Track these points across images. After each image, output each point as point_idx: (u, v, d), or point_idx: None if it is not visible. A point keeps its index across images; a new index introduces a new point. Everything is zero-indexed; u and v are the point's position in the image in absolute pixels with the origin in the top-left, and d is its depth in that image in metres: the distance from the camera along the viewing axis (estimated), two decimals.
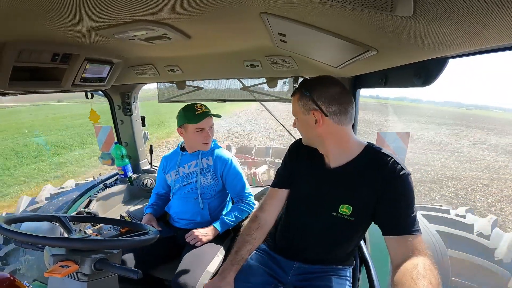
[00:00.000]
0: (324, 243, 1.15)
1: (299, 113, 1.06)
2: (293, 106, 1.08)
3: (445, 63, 0.79)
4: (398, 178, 0.94)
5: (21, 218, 1.05)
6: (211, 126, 1.61)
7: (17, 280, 1.00)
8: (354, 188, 1.02)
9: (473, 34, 0.49)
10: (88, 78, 1.38)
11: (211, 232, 1.55)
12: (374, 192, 0.97)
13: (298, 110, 1.05)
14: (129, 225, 1.24)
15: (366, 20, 0.57)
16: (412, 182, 0.95)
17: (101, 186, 2.34)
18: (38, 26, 0.85)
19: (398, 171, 0.94)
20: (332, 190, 1.07)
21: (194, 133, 1.59)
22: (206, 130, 1.59)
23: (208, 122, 1.59)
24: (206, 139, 1.60)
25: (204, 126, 1.58)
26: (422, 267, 0.80)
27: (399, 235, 0.90)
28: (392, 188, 0.94)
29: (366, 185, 0.99)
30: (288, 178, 1.20)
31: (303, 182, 1.15)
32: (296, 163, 1.18)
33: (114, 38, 0.99)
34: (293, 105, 1.09)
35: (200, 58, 1.47)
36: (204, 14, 0.80)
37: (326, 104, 0.98)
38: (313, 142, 1.09)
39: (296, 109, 1.07)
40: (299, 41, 0.99)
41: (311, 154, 1.13)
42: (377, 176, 0.97)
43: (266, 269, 1.22)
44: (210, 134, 1.61)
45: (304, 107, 1.02)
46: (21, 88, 1.14)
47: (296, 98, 1.06)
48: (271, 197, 1.22)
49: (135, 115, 2.39)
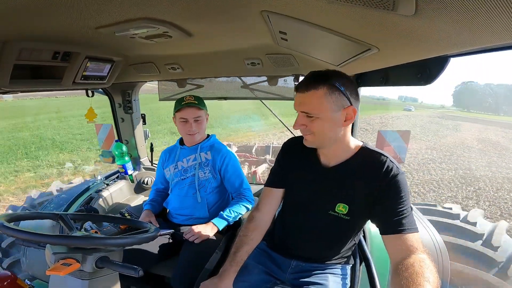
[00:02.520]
0: (320, 241, 1.15)
1: (325, 111, 0.91)
2: (314, 103, 0.91)
3: (446, 61, 0.79)
4: (393, 177, 0.95)
5: (22, 216, 1.06)
6: (195, 118, 1.60)
7: (19, 278, 1.01)
8: (350, 187, 1.02)
9: (475, 33, 0.49)
10: (89, 76, 1.38)
11: (210, 228, 1.55)
12: (370, 192, 0.98)
13: (325, 107, 0.91)
14: (129, 222, 1.25)
15: (367, 18, 0.57)
16: (406, 181, 0.97)
17: (102, 184, 2.35)
18: (39, 25, 0.85)
19: (393, 171, 0.95)
20: (328, 189, 1.07)
21: (180, 123, 1.61)
22: (190, 122, 1.60)
23: (191, 113, 1.58)
24: (189, 130, 1.61)
25: (186, 116, 1.58)
26: (419, 265, 0.81)
27: (396, 234, 0.91)
28: (387, 188, 0.95)
29: (362, 184, 1.00)
30: (282, 177, 1.19)
31: (298, 182, 1.14)
32: (290, 162, 1.17)
33: (115, 36, 0.99)
34: (313, 101, 0.91)
35: (201, 56, 1.47)
36: (205, 12, 0.80)
37: (354, 100, 0.93)
38: (330, 143, 1.00)
39: (319, 106, 0.91)
40: (300, 39, 0.99)
41: (305, 153, 1.12)
42: (372, 176, 0.97)
43: (264, 267, 1.22)
44: (193, 125, 1.61)
45: (336, 103, 0.90)
46: (22, 86, 1.14)
47: (322, 93, 0.90)
48: (266, 197, 1.21)
49: (135, 113, 2.39)
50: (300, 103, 0.95)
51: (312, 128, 0.96)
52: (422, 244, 0.89)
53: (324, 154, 1.07)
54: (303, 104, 0.94)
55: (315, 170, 1.10)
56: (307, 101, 0.93)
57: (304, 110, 0.94)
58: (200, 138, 1.69)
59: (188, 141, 1.68)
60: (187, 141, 1.69)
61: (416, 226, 0.92)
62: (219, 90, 2.11)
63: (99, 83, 1.51)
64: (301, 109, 0.95)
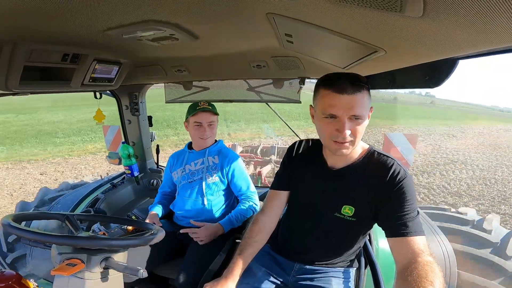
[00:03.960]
0: (326, 244, 1.14)
1: (367, 112, 0.92)
2: (365, 105, 0.90)
3: (455, 64, 0.78)
4: (399, 181, 0.94)
5: (29, 216, 1.07)
6: (209, 122, 1.65)
7: (23, 278, 1.02)
8: (356, 189, 1.02)
9: (484, 34, 0.48)
10: (97, 78, 1.39)
11: (216, 230, 1.56)
12: (376, 194, 0.98)
13: (367, 108, 0.92)
14: (135, 224, 1.25)
15: (374, 20, 0.57)
16: (413, 185, 0.96)
17: (108, 185, 2.37)
18: (49, 27, 0.86)
19: (399, 174, 0.94)
20: (334, 191, 1.06)
21: (194, 127, 1.66)
22: (204, 125, 1.64)
23: (205, 117, 1.63)
24: (203, 134, 1.65)
25: (201, 121, 1.63)
26: (424, 269, 0.79)
27: (402, 237, 0.90)
28: (393, 191, 0.94)
29: (368, 187, 0.99)
30: (287, 179, 1.19)
31: (304, 184, 1.14)
32: (296, 165, 1.17)
33: (123, 38, 1.00)
34: (363, 103, 0.89)
35: (207, 59, 1.48)
36: (211, 15, 0.81)
37: None
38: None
39: (362, 109, 0.90)
40: (305, 41, 0.98)
41: (312, 156, 1.12)
42: (379, 178, 0.97)
43: (267, 269, 1.22)
44: (207, 130, 1.65)
45: (370, 104, 0.93)
46: (32, 87, 1.16)
47: (367, 95, 0.91)
48: (271, 199, 1.21)
49: (142, 115, 2.41)
50: (351, 107, 0.88)
51: (355, 132, 0.91)
52: (428, 247, 0.88)
53: (331, 157, 1.07)
54: (354, 107, 0.88)
55: (321, 173, 1.09)
56: (358, 103, 0.88)
57: (356, 113, 0.88)
58: (210, 143, 1.72)
59: (200, 145, 1.71)
60: (198, 145, 1.72)
61: (422, 229, 0.91)
62: (225, 93, 2.12)
63: (107, 85, 1.53)
64: (352, 112, 0.88)
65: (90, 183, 2.86)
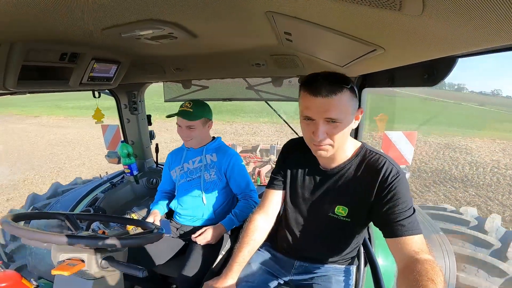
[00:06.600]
0: (322, 243, 1.15)
1: (347, 115, 0.88)
2: (342, 107, 0.87)
3: (454, 62, 0.78)
4: (392, 180, 0.92)
5: (29, 215, 1.07)
6: (188, 126, 1.60)
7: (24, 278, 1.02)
8: (349, 189, 1.01)
9: (484, 32, 0.48)
10: (95, 77, 1.39)
11: (220, 231, 1.55)
12: (370, 193, 0.96)
13: (347, 110, 0.88)
14: (134, 223, 1.25)
15: (373, 18, 0.57)
16: (407, 183, 0.94)
17: (107, 184, 2.37)
18: (46, 26, 0.86)
19: (391, 173, 0.93)
20: (327, 192, 1.06)
21: (178, 127, 1.63)
22: (182, 128, 1.61)
23: (183, 121, 1.59)
24: (183, 136, 1.63)
25: (180, 124, 1.61)
26: (424, 267, 0.79)
27: (399, 237, 0.89)
28: (386, 190, 0.93)
29: (361, 186, 0.99)
30: (282, 179, 1.18)
31: (298, 184, 1.14)
32: (290, 164, 1.16)
33: (121, 37, 1.00)
34: (340, 106, 0.86)
35: (206, 58, 1.48)
36: (210, 13, 0.80)
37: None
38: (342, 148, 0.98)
39: (346, 110, 0.87)
40: (304, 40, 0.98)
41: (305, 155, 1.11)
42: (372, 178, 0.96)
43: (267, 267, 1.22)
44: (186, 132, 1.61)
45: (354, 106, 0.90)
46: (30, 87, 1.15)
47: (348, 97, 0.87)
48: (267, 198, 1.21)
49: (141, 114, 2.41)
50: (326, 110, 0.85)
51: (333, 135, 0.89)
52: (427, 245, 0.88)
53: (323, 157, 1.05)
54: (329, 110, 0.85)
55: (314, 173, 1.09)
56: (333, 106, 0.85)
57: (331, 116, 0.86)
58: (197, 144, 1.69)
59: (188, 144, 1.70)
60: (186, 144, 1.71)
61: (419, 227, 0.90)
62: (224, 91, 2.11)
63: (105, 84, 1.52)
64: (327, 115, 0.86)
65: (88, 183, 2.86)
